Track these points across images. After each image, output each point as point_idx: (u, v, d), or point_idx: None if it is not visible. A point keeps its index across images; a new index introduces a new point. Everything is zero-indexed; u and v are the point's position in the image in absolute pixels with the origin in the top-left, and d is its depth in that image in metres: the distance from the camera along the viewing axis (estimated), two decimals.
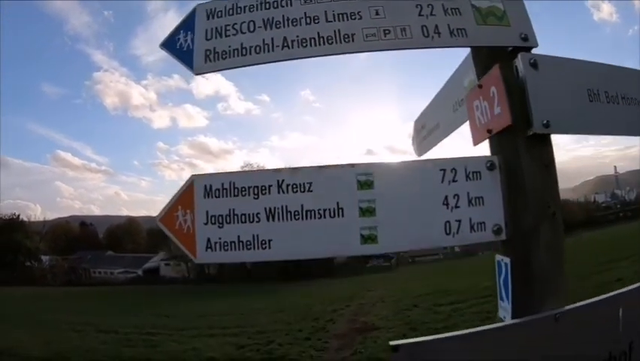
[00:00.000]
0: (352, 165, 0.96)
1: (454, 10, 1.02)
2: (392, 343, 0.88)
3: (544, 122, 0.97)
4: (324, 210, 0.94)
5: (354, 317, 9.94)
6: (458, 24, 1.01)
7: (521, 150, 1.00)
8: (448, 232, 0.95)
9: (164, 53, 1.07)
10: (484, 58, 1.07)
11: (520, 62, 1.00)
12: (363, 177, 0.94)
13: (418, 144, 1.93)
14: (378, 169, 0.96)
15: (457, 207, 0.95)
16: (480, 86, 1.08)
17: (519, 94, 0.99)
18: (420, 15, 1.00)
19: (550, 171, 1.02)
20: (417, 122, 1.94)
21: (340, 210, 0.93)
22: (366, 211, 0.93)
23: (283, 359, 6.18)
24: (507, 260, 1.01)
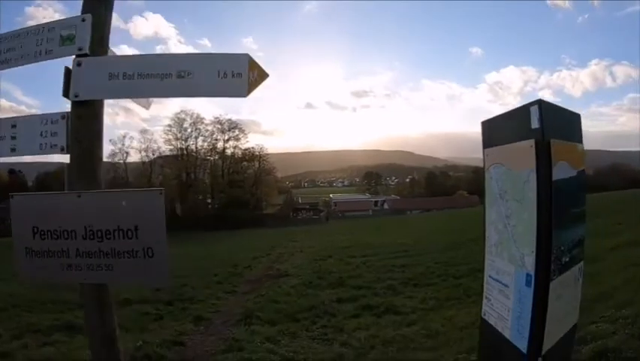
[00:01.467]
0: None
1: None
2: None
3: (75, 94, 1.86)
4: None
5: (270, 265, 10.62)
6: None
7: (72, 110, 1.90)
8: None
9: None
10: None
11: (72, 62, 1.88)
12: None
13: None
14: None
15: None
16: None
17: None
18: None
19: (95, 123, 1.95)
20: None
21: None
22: None
23: (192, 300, 6.61)
24: None
